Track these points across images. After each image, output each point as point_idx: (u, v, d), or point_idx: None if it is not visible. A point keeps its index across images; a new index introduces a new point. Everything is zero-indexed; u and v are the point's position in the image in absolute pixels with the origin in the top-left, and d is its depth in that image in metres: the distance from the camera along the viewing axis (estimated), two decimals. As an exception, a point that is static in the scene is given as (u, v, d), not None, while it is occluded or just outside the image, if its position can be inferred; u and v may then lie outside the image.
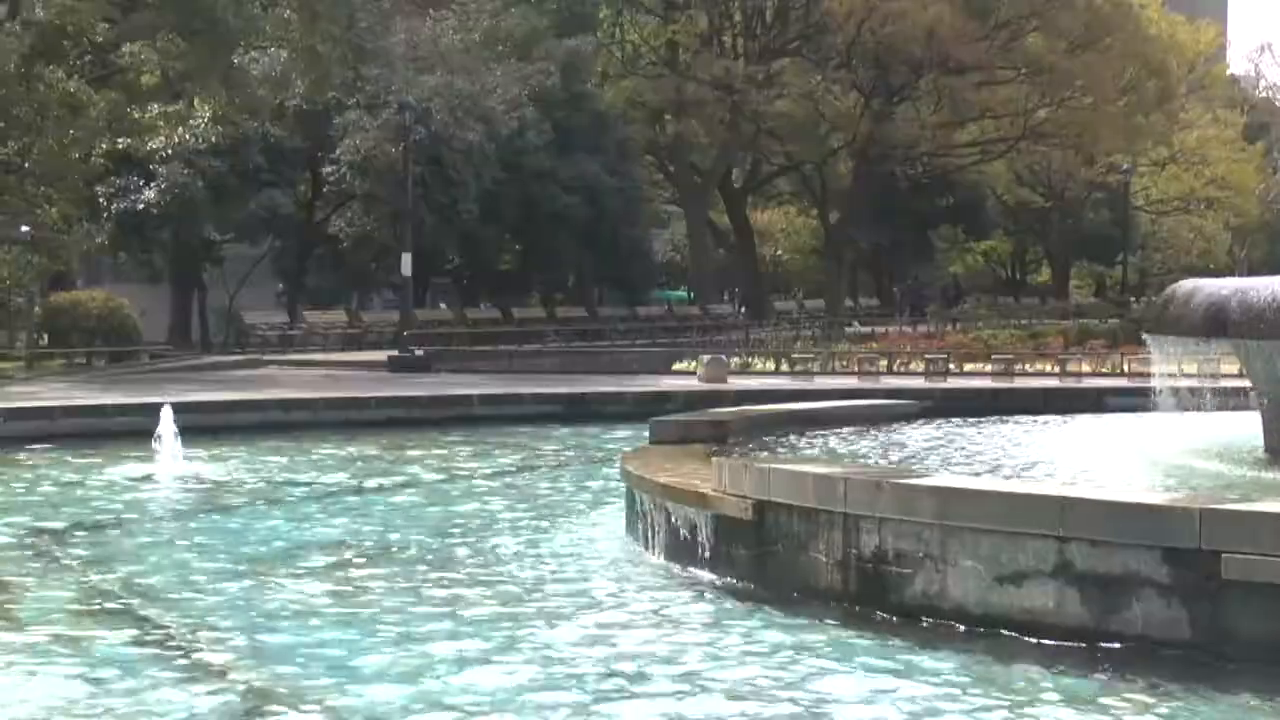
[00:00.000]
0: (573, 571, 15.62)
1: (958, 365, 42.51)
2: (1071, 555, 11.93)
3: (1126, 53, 75.36)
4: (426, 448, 27.96)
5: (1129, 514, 11.90)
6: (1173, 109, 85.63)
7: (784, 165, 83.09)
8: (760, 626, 12.88)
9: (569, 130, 63.11)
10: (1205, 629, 11.39)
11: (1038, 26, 73.61)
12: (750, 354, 47.13)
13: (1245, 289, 18.79)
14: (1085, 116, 74.92)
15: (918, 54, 70.27)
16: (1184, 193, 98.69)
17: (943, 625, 12.48)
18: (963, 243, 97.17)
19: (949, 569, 12.56)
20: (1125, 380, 37.56)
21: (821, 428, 23.18)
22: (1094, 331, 61.38)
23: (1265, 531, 11.23)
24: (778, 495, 13.94)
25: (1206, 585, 11.34)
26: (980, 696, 10.81)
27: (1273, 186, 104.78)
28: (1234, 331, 18.68)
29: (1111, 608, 11.76)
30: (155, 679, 11.27)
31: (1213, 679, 11.00)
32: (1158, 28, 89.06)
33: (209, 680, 11.29)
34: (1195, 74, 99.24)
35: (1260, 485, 17.26)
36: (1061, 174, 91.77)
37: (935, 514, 12.65)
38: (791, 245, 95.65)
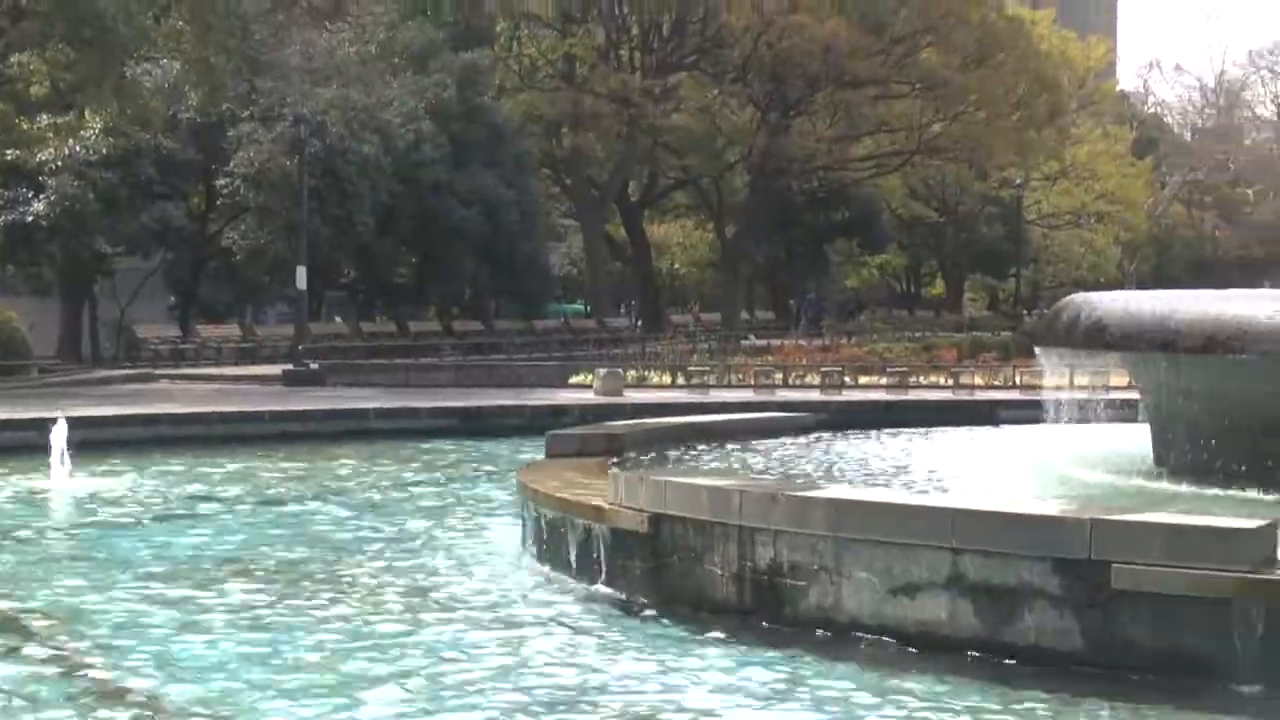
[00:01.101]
0: (467, 585, 15.58)
1: (853, 378, 42.72)
2: (964, 567, 12.03)
3: (1019, 68, 76.06)
4: (321, 462, 27.79)
5: (1021, 525, 12.01)
6: (1064, 124, 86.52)
7: (681, 179, 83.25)
8: (654, 639, 12.90)
9: (466, 143, 62.93)
10: (1096, 639, 11.51)
11: (932, 42, 74.15)
12: (646, 367, 47.15)
13: (1130, 302, 19.03)
14: (978, 131, 75.55)
15: (814, 68, 70.59)
16: (1075, 207, 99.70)
17: (838, 637, 12.54)
18: (858, 256, 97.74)
19: (843, 581, 12.63)
20: (1017, 393, 37.89)
21: (717, 440, 23.26)
22: (987, 344, 61.83)
23: (1154, 542, 11.36)
24: (673, 508, 13.96)
25: (1097, 595, 11.47)
26: (874, 709, 10.88)
27: (1161, 201, 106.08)
28: (1122, 344, 18.89)
29: (1004, 619, 11.86)
30: (47, 699, 11.14)
31: (1103, 689, 11.11)
32: (1049, 44, 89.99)
33: (108, 701, 11.17)
34: (1086, 90, 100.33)
35: (1149, 496, 17.46)
36: (955, 188, 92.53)
37: (830, 526, 12.71)
38: (688, 258, 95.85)
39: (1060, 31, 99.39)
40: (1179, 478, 18.55)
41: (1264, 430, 17.39)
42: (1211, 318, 17.29)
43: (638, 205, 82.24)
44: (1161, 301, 18.58)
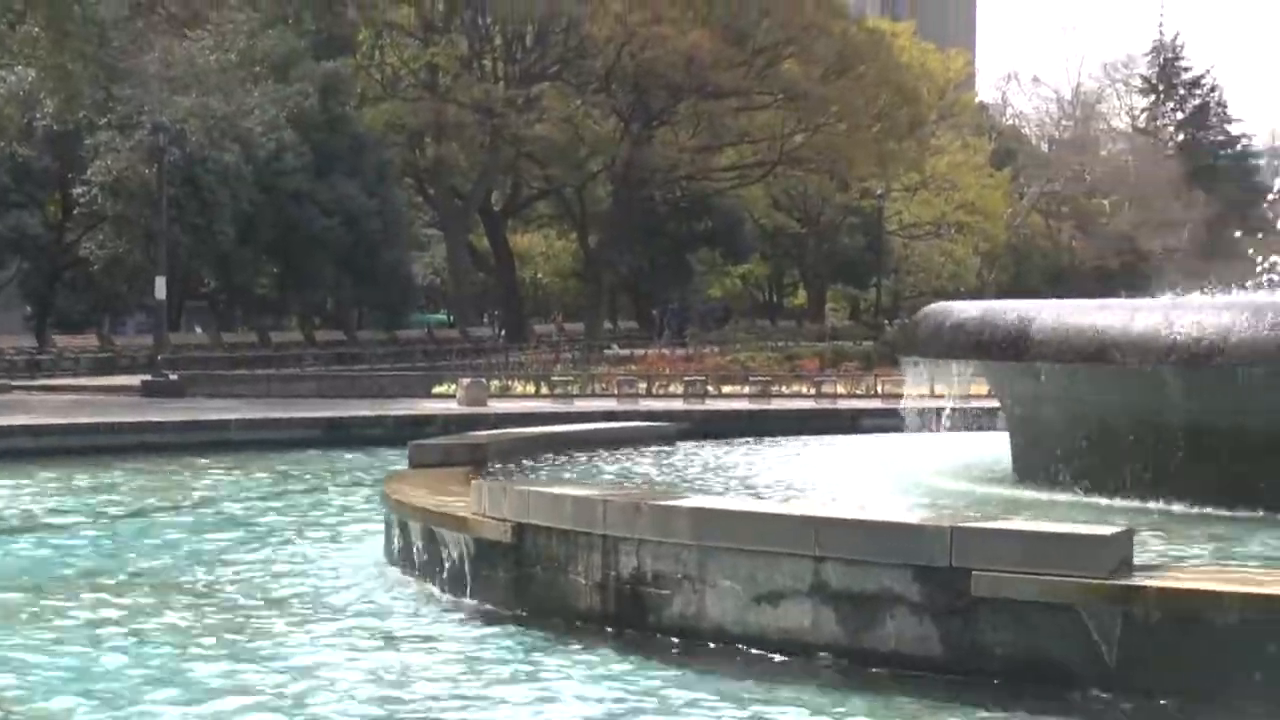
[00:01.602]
0: (328, 596, 15.46)
1: (716, 388, 42.89)
2: (827, 574, 12.10)
3: (879, 80, 76.77)
4: (181, 474, 27.48)
5: (882, 533, 12.10)
6: (924, 135, 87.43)
7: (544, 189, 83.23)
8: (516, 650, 12.86)
9: (328, 152, 62.53)
10: (955, 646, 11.62)
11: (794, 53, 74.66)
12: (510, 377, 47.09)
13: (992, 312, 19.25)
14: (840, 142, 76.15)
15: (677, 79, 70.84)
16: (935, 217, 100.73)
17: (702, 645, 12.57)
18: (721, 266, 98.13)
19: (707, 589, 12.66)
20: (879, 401, 38.19)
21: (581, 450, 23.27)
22: (849, 354, 62.29)
23: (1012, 549, 11.48)
24: (537, 518, 13.94)
25: (957, 602, 11.57)
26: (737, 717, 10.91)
27: (1019, 211, 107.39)
28: (982, 353, 19.11)
29: (866, 626, 11.94)
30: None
31: (963, 695, 11.22)
32: (909, 56, 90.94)
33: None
34: (945, 101, 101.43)
35: (1009, 503, 17.68)
36: (817, 199, 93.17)
37: (693, 535, 12.74)
38: (551, 268, 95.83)
39: (920, 44, 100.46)
40: (1038, 485, 18.80)
41: (1122, 437, 17.65)
42: (1069, 327, 17.54)
43: (501, 215, 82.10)
44: (1020, 311, 18.81)
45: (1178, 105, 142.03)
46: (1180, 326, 16.54)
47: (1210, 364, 16.35)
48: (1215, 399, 16.96)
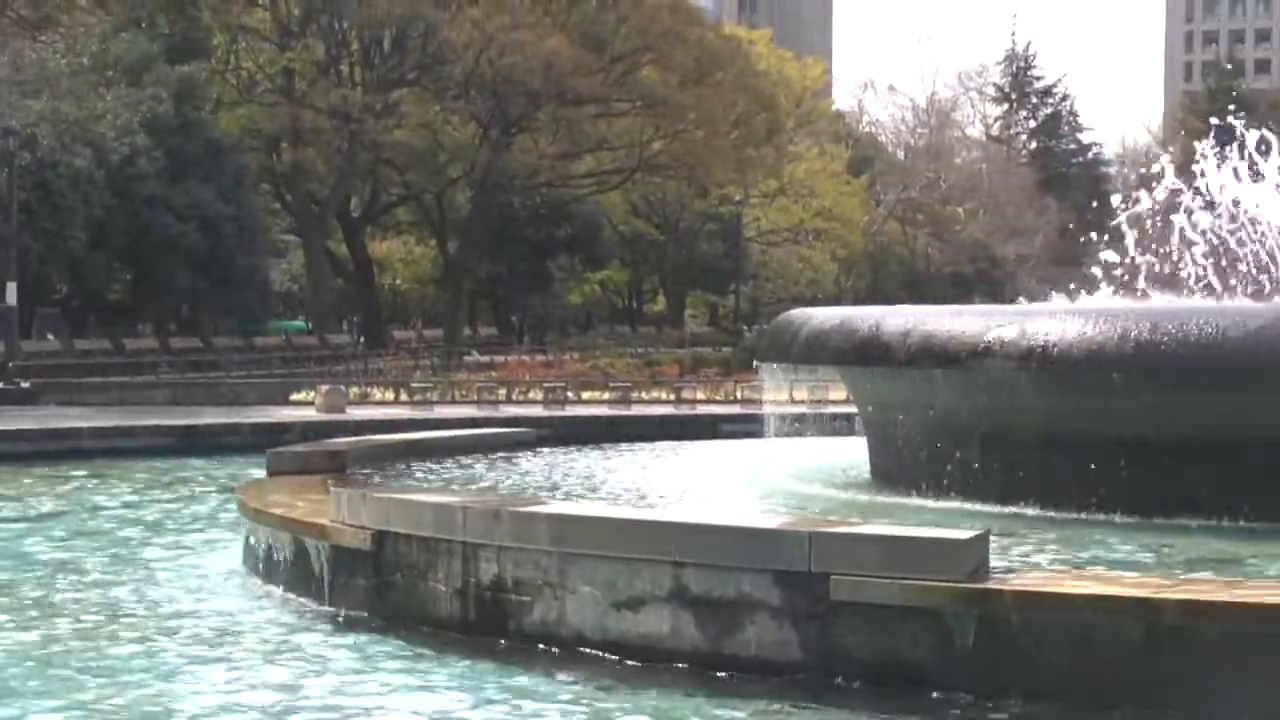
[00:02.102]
0: (184, 605, 15.27)
1: (576, 394, 42.90)
2: (687, 580, 12.12)
3: (737, 87, 77.11)
4: (33, 483, 27.04)
5: (741, 538, 12.15)
6: (781, 142, 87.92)
7: (403, 195, 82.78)
8: (374, 657, 12.79)
9: (182, 157, 61.78)
10: (815, 650, 11.68)
11: (652, 60, 74.83)
12: (369, 384, 46.82)
13: (849, 318, 19.42)
14: (698, 149, 76.41)
15: (536, 85, 70.75)
16: (793, 224, 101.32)
17: (562, 652, 12.56)
18: (580, 272, 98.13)
19: (567, 595, 12.65)
20: (738, 407, 38.39)
21: (441, 457, 23.18)
22: (708, 360, 62.56)
23: (871, 553, 11.57)
24: (396, 525, 13.87)
25: (816, 607, 11.64)
26: (598, 722, 10.93)
27: (876, 218, 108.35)
28: (840, 359, 19.26)
29: (726, 631, 11.98)
30: None
31: (823, 698, 11.29)
32: (767, 63, 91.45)
33: None
34: (803, 109, 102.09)
35: (867, 508, 17.82)
36: (676, 205, 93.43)
37: (553, 541, 12.73)
38: (411, 274, 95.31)
39: (778, 51, 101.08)
40: (896, 489, 18.96)
41: (977, 442, 17.84)
42: (923, 333, 17.72)
43: (360, 221, 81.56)
44: (877, 317, 18.98)
45: (1030, 114, 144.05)
46: (1034, 333, 16.76)
47: (1064, 369, 16.58)
48: (1069, 404, 17.20)
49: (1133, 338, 16.17)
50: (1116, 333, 16.26)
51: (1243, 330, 15.91)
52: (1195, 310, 17.18)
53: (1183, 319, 16.29)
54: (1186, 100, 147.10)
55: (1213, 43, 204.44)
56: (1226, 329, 15.91)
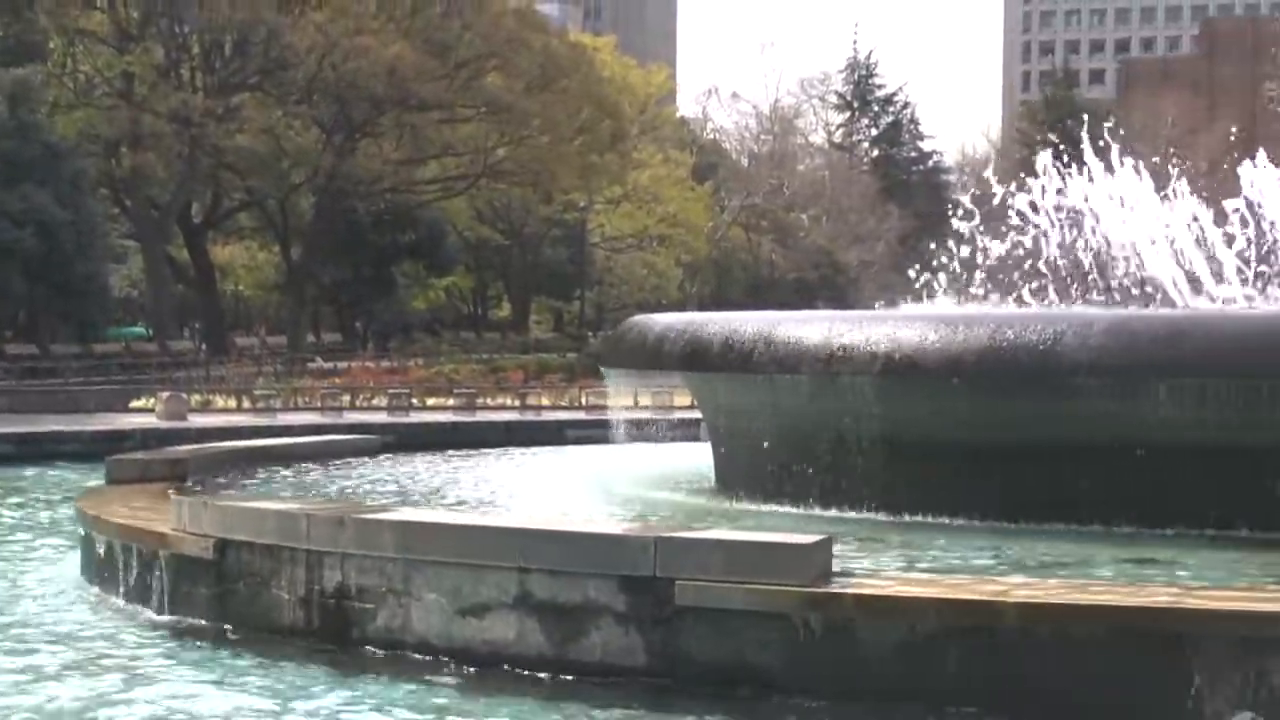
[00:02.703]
0: (23, 616, 15.01)
1: (420, 400, 42.73)
2: (532, 586, 12.11)
3: (582, 94, 77.21)
4: None
5: (587, 544, 12.16)
6: (626, 149, 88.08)
7: (245, 200, 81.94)
8: (215, 666, 12.65)
9: (17, 161, 60.69)
10: (659, 654, 11.72)
11: (497, 66, 74.70)
12: (211, 391, 46.29)
13: (694, 324, 19.50)
14: (543, 155, 76.38)
15: (379, 90, 70.34)
16: (638, 230, 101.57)
17: (407, 659, 12.50)
18: (425, 278, 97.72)
19: (412, 602, 12.60)
20: (584, 413, 38.44)
21: (284, 464, 23.01)
22: (553, 365, 62.54)
23: (715, 558, 11.63)
24: (239, 533, 13.74)
25: (661, 612, 11.68)
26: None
27: (720, 225, 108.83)
28: (684, 365, 19.33)
29: (571, 636, 11.98)
30: None
31: (668, 703, 11.32)
32: (611, 70, 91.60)
33: None
34: (647, 115, 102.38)
35: (712, 513, 17.91)
36: (521, 211, 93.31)
37: (398, 548, 12.67)
38: (253, 280, 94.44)
39: (622, 58, 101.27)
40: (740, 495, 19.07)
41: (818, 447, 17.97)
42: (766, 339, 17.82)
43: (201, 226, 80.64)
44: (722, 323, 19.08)
45: (872, 122, 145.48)
46: (877, 339, 16.92)
47: (907, 375, 16.76)
48: (912, 409, 17.38)
49: (973, 344, 16.37)
50: (957, 339, 16.46)
51: (1080, 337, 16.16)
52: (1034, 316, 17.44)
53: (1022, 325, 16.52)
54: (1024, 110, 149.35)
55: (1049, 53, 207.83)
56: (1063, 335, 16.16)
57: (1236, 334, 16.44)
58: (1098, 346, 16.03)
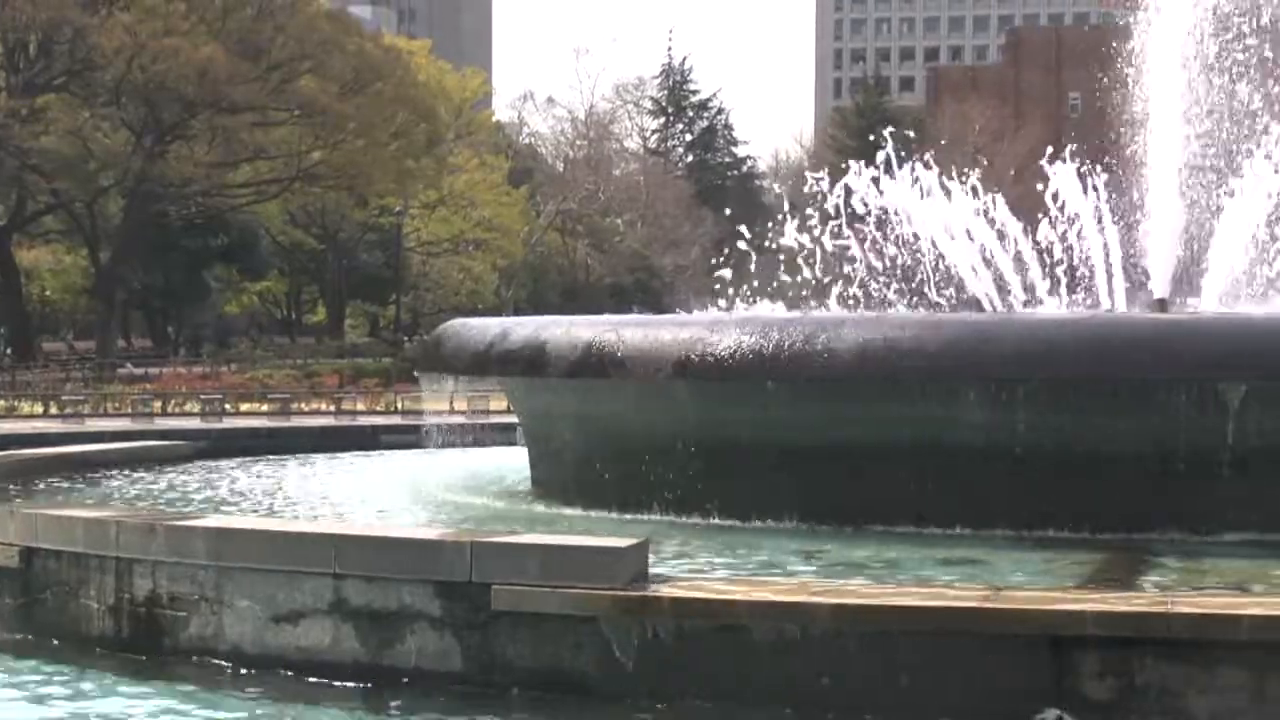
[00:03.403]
0: None
1: (234, 405, 42.25)
2: (347, 592, 12.02)
3: (397, 97, 76.80)
4: None
5: (402, 549, 12.10)
6: (441, 153, 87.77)
7: (51, 203, 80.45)
8: (22, 679, 12.38)
9: None
10: (476, 659, 11.69)
11: (311, 69, 74.05)
12: (17, 396, 45.44)
13: (509, 328, 19.47)
14: (358, 159, 75.85)
15: (190, 93, 69.44)
16: (454, 234, 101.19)
17: (220, 667, 12.35)
18: (238, 282, 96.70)
19: (225, 610, 12.45)
20: (399, 418, 38.22)
21: (94, 471, 22.66)
22: (368, 370, 62.18)
23: (531, 563, 11.62)
24: (46, 541, 13.48)
25: (477, 617, 11.65)
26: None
27: (536, 229, 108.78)
28: (500, 369, 19.31)
29: (387, 642, 11.91)
30: None
31: (483, 708, 11.29)
32: (427, 74, 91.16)
33: None
34: (463, 120, 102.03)
35: (528, 518, 17.90)
36: (336, 215, 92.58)
37: (210, 555, 12.52)
38: (60, 284, 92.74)
39: (437, 62, 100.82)
40: (557, 499, 19.08)
41: (635, 452, 18.02)
42: (580, 343, 17.84)
43: (5, 229, 79.05)
44: (536, 327, 19.07)
45: (687, 127, 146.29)
46: (691, 342, 16.99)
47: (719, 379, 16.85)
48: (727, 413, 17.49)
49: (784, 347, 16.49)
50: (766, 342, 16.56)
51: (889, 340, 16.35)
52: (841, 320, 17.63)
53: (832, 328, 16.68)
54: (836, 116, 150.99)
55: (860, 60, 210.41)
56: (872, 338, 16.34)
57: (1045, 336, 16.73)
58: (907, 350, 16.23)
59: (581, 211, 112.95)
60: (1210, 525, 16.07)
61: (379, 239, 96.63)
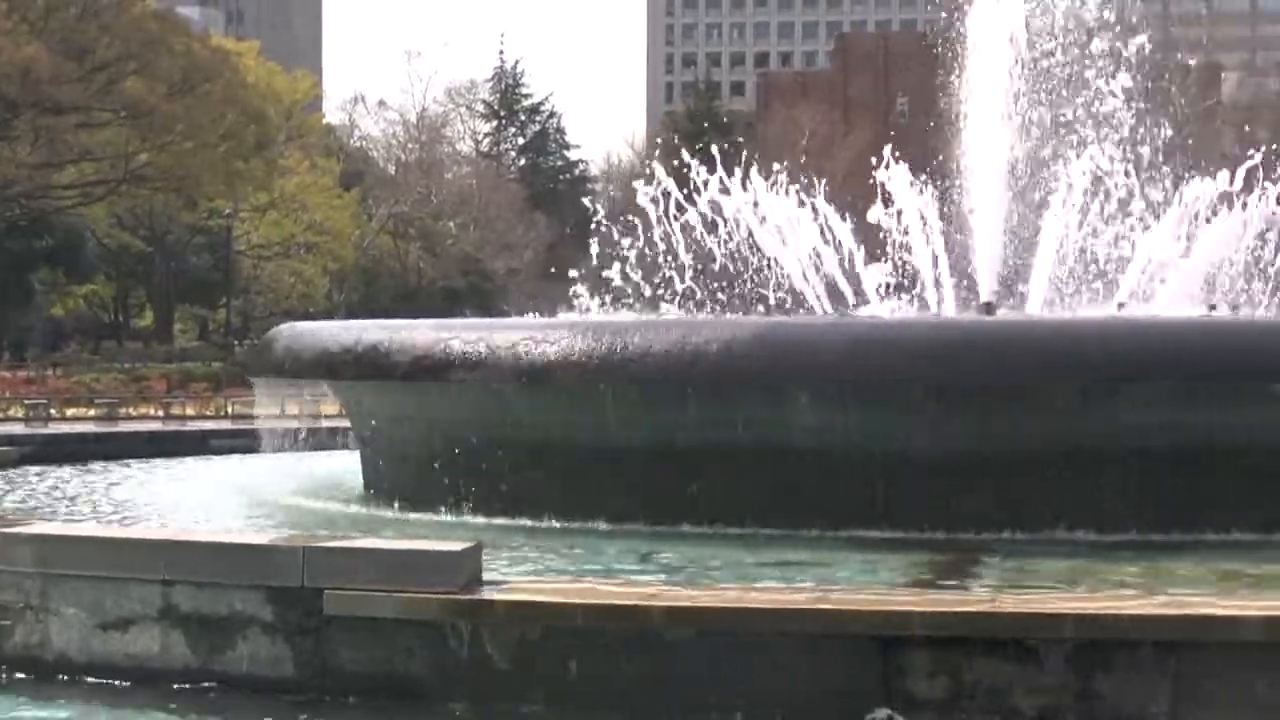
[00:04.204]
0: None
1: (60, 410, 41.60)
2: (177, 598, 11.89)
3: (226, 99, 75.99)
4: None
5: (233, 554, 11.99)
6: (272, 155, 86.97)
7: None
8: None
9: None
10: (308, 665, 11.61)
11: (137, 70, 73.05)
12: None
13: (342, 332, 19.40)
14: (186, 161, 74.95)
15: (12, 93, 68.26)
16: (285, 238, 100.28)
17: (45, 676, 12.15)
18: (64, 285, 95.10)
19: (51, 618, 12.25)
20: (230, 422, 37.88)
21: (-88, 478, 22.21)
22: (198, 375, 61.49)
23: (364, 567, 11.57)
24: None
25: (309, 622, 11.57)
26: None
27: (368, 233, 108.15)
28: (333, 373, 19.22)
29: (218, 649, 11.79)
30: None
31: (317, 715, 11.22)
32: (256, 75, 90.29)
33: None
34: (293, 122, 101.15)
35: (363, 521, 17.83)
36: (164, 218, 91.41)
37: (36, 562, 12.31)
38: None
39: (266, 64, 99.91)
40: (391, 503, 19.01)
41: (471, 456, 18.01)
42: (414, 346, 17.80)
43: None
44: (369, 330, 19.00)
45: (519, 130, 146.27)
46: (523, 346, 17.01)
47: (549, 382, 16.89)
48: (558, 417, 17.53)
49: (617, 350, 16.56)
50: (600, 346, 16.63)
51: (722, 343, 16.48)
52: (674, 324, 17.76)
53: (663, 332, 16.79)
54: (667, 120, 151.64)
55: (692, 65, 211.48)
56: (706, 342, 16.46)
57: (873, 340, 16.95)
58: (740, 353, 16.36)
59: (414, 215, 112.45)
60: (1037, 524, 16.36)
61: (208, 242, 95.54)
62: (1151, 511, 16.52)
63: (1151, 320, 19.86)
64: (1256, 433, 16.51)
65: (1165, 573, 14.25)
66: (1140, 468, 16.47)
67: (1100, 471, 16.49)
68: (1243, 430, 16.52)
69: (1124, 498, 16.48)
